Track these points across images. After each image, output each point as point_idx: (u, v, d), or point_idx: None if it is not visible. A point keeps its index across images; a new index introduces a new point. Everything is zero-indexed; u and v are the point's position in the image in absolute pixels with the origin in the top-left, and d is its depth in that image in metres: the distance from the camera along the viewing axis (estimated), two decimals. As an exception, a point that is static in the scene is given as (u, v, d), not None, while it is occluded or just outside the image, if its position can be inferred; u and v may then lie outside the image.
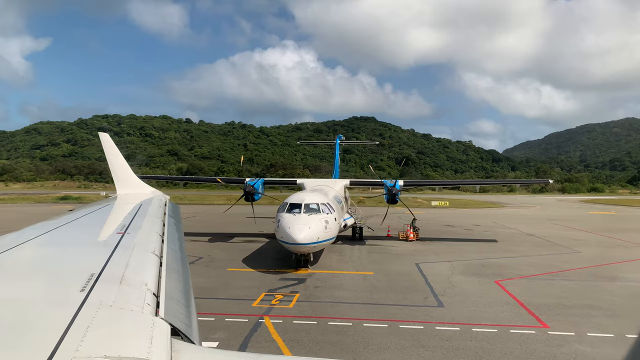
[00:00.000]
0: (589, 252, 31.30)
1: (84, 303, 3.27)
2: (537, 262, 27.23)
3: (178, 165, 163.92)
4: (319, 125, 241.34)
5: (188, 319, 3.71)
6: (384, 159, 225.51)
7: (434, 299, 19.00)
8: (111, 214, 9.99)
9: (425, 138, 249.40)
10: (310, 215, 23.54)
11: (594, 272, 24.86)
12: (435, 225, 45.98)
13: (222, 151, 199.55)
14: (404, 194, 40.54)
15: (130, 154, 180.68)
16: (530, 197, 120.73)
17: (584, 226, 46.84)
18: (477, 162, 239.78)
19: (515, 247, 33.01)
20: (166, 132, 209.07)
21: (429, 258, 28.10)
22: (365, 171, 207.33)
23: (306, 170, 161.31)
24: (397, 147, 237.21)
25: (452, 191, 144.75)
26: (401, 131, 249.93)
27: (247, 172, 36.11)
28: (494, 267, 25.67)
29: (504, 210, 71.47)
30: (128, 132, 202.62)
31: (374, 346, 13.66)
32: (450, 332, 15.07)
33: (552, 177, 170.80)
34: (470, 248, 32.14)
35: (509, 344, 14.07)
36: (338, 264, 25.77)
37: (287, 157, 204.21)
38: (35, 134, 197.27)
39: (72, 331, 2.75)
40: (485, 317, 16.71)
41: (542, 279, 23.15)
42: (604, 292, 20.41)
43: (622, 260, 28.42)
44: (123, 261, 4.67)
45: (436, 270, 24.70)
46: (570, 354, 13.41)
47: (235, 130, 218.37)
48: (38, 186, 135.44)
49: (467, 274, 23.79)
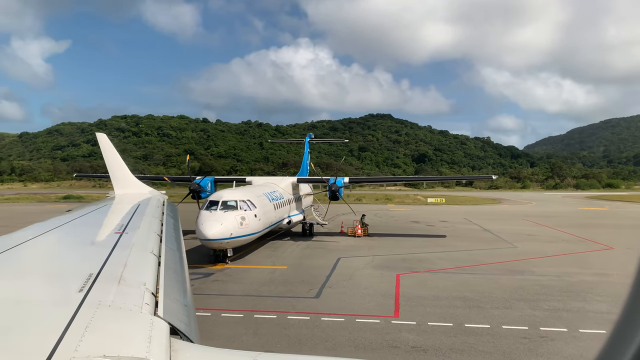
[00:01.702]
0: (526, 247, 31.72)
1: (82, 303, 3.28)
2: (460, 257, 27.87)
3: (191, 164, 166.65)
4: (334, 123, 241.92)
5: (187, 318, 3.73)
6: (400, 156, 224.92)
7: (317, 291, 20.01)
8: (109, 214, 10.20)
9: (443, 135, 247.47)
10: (226, 212, 24.71)
11: (507, 266, 25.42)
12: (401, 222, 46.63)
13: (237, 150, 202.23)
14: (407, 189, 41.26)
15: (148, 153, 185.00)
16: (538, 194, 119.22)
17: (556, 222, 46.79)
18: (495, 158, 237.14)
19: (457, 242, 33.60)
20: (183, 132, 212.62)
21: (357, 253, 29.01)
22: (381, 169, 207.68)
23: (318, 168, 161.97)
24: (414, 144, 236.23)
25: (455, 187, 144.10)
26: (418, 128, 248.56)
27: (191, 170, 37.47)
28: (412, 261, 26.46)
29: (494, 206, 71.28)
30: (146, 132, 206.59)
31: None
32: (303, 321, 16.07)
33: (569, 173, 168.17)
34: (410, 243, 32.86)
35: (340, 331, 15.04)
36: (260, 259, 26.92)
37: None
38: (57, 134, 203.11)
39: (70, 331, 2.75)
40: (349, 307, 17.69)
41: (447, 272, 23.90)
42: (491, 285, 21.11)
43: (550, 254, 28.81)
44: (121, 261, 4.69)
45: (351, 264, 25.62)
46: (394, 340, 14.33)
47: (252, 129, 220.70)
48: (55, 186, 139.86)
49: (378, 268, 24.68)
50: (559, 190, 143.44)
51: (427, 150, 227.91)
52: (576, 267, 25.27)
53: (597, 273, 23.76)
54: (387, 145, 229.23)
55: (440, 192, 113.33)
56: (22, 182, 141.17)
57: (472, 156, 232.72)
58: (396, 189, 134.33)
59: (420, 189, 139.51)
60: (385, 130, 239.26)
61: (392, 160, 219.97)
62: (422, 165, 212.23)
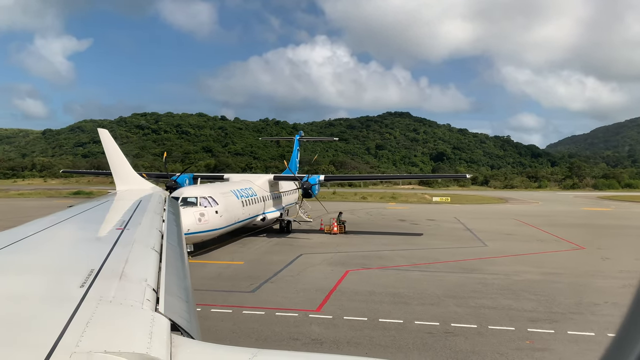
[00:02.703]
0: (496, 246, 31.84)
1: (83, 299, 3.28)
2: (422, 255, 28.15)
3: (206, 161, 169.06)
4: (351, 121, 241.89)
5: (188, 315, 3.74)
6: (417, 154, 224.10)
7: (256, 286, 20.64)
8: (111, 210, 10.17)
9: (462, 133, 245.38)
10: (185, 208, 25.46)
11: (463, 264, 25.67)
12: (387, 220, 46.86)
13: (254, 148, 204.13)
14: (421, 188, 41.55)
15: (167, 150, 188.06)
16: (551, 194, 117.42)
17: (544, 222, 46.41)
18: (515, 157, 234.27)
19: (429, 240, 33.84)
20: (202, 130, 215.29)
21: (323, 249, 29.53)
22: (398, 167, 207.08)
23: (331, 166, 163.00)
24: (432, 142, 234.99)
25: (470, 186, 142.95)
26: (437, 126, 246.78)
27: (166, 168, 38.46)
28: (371, 258, 26.89)
29: (495, 206, 70.74)
30: (165, 130, 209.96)
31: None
32: (224, 314, 16.71)
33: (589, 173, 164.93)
34: (381, 241, 33.23)
35: (251, 324, 15.64)
36: (223, 255, 27.63)
37: (320, 153, 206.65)
38: (78, 131, 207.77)
39: (72, 327, 2.76)
40: (277, 302, 18.29)
41: (398, 269, 24.29)
42: (432, 282, 21.46)
43: (515, 254, 28.87)
44: (123, 257, 4.71)
45: (309, 260, 26.18)
46: (298, 333, 14.88)
47: (269, 127, 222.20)
48: (73, 182, 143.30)
49: (333, 264, 25.18)
50: (576, 190, 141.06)
51: (445, 149, 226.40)
52: (531, 266, 25.33)
53: (547, 272, 23.84)
54: (404, 144, 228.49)
55: (452, 192, 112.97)
56: (42, 178, 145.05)
57: (491, 155, 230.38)
58: (409, 188, 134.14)
59: (435, 187, 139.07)
60: (403, 129, 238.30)
61: (409, 159, 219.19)
62: (440, 163, 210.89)
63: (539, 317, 16.76)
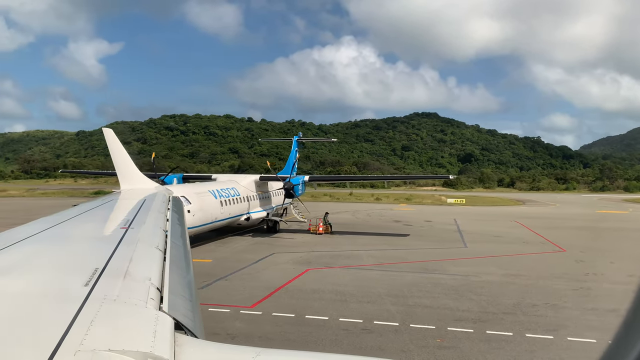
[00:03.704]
0: (476, 247, 31.72)
1: (88, 297, 3.30)
2: (393, 255, 28.33)
3: (231, 162, 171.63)
4: (377, 122, 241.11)
5: (191, 314, 3.76)
6: (445, 155, 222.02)
7: (208, 283, 21.23)
8: (115, 209, 10.27)
9: (491, 134, 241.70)
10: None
11: (428, 265, 25.74)
12: (384, 221, 46.95)
13: (280, 149, 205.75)
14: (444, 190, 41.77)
15: (194, 151, 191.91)
16: (576, 196, 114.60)
17: (543, 224, 45.74)
18: (546, 158, 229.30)
19: (411, 241, 33.94)
20: (229, 131, 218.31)
21: (298, 249, 30.00)
22: (424, 168, 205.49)
23: (354, 167, 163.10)
24: (460, 143, 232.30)
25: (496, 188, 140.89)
26: (465, 127, 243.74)
27: (154, 168, 39.41)
28: (340, 258, 27.24)
29: (507, 208, 69.74)
30: (193, 131, 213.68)
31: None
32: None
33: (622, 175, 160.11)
34: (363, 241, 33.51)
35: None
36: (196, 253, 28.29)
37: (344, 154, 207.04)
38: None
39: (76, 325, 2.77)
40: (218, 298, 18.81)
41: (359, 269, 24.60)
42: (385, 282, 21.67)
43: (489, 255, 28.71)
44: (127, 256, 4.73)
45: (277, 259, 26.70)
46: (219, 328, 15.40)
47: (295, 128, 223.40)
48: (102, 182, 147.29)
49: (297, 263, 25.61)
50: (606, 192, 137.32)
51: (473, 150, 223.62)
52: (497, 267, 25.20)
53: (509, 274, 23.70)
54: (431, 145, 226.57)
55: (474, 193, 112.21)
56: (72, 178, 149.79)
57: (520, 156, 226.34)
58: (432, 189, 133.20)
59: (458, 189, 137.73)
60: (431, 129, 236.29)
61: (436, 160, 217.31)
62: (467, 165, 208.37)
63: (467, 316, 16.84)
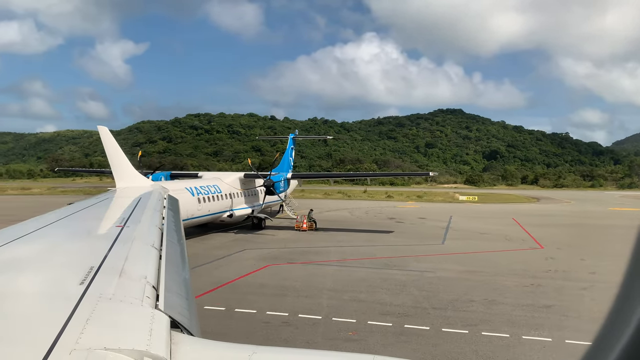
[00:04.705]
0: (453, 244, 31.67)
1: (83, 296, 3.29)
2: (362, 251, 28.53)
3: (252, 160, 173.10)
4: (401, 119, 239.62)
5: (187, 312, 3.76)
6: (469, 152, 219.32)
7: (163, 275, 21.88)
8: (110, 207, 10.30)
9: (517, 130, 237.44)
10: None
11: (391, 261, 25.86)
12: (378, 219, 46.95)
13: (302, 147, 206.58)
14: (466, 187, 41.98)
15: (218, 150, 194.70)
16: (598, 193, 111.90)
17: (540, 222, 45.11)
18: (574, 155, 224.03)
19: (392, 238, 34.09)
20: (252, 129, 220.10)
21: (271, 245, 30.52)
22: (448, 165, 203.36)
23: (373, 164, 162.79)
24: (485, 140, 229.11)
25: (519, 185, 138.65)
26: (490, 123, 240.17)
27: (140, 166, 40.24)
28: (308, 254, 27.60)
29: (515, 205, 68.67)
30: (217, 130, 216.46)
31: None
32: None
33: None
34: (342, 237, 33.78)
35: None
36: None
37: (366, 152, 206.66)
38: (136, 132, 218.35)
39: (72, 324, 2.77)
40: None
41: (319, 264, 24.93)
42: (336, 277, 21.99)
43: (461, 252, 28.61)
44: (122, 254, 4.73)
45: (245, 255, 27.27)
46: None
47: (317, 126, 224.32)
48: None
49: (261, 259, 26.08)
50: (633, 189, 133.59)
51: (499, 147, 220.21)
52: (459, 264, 25.17)
53: (468, 270, 23.64)
54: (456, 142, 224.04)
55: (494, 191, 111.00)
56: (98, 177, 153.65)
57: (547, 153, 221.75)
58: (452, 187, 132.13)
59: (480, 187, 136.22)
60: (455, 126, 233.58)
61: (460, 157, 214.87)
62: (492, 162, 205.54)
63: (395, 311, 17.02)
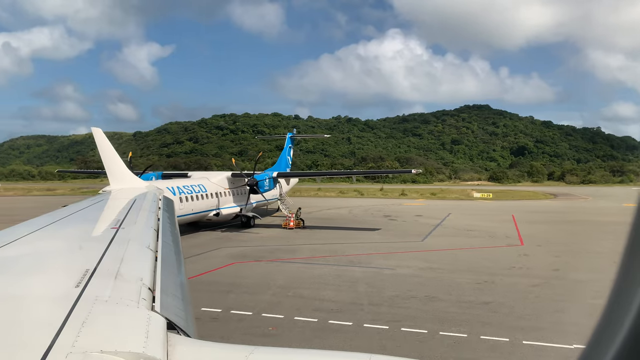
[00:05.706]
0: (433, 241, 31.72)
1: (79, 299, 3.28)
2: (334, 249, 28.81)
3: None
4: (426, 116, 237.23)
5: (184, 313, 3.76)
6: (496, 148, 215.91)
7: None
8: (105, 209, 10.30)
9: (546, 126, 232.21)
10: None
11: (359, 258, 26.16)
12: (374, 217, 46.99)
13: (325, 145, 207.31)
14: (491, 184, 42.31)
15: (243, 149, 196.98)
16: (621, 189, 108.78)
17: (537, 218, 44.48)
18: (606, 150, 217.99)
19: (375, 235, 34.41)
20: (276, 129, 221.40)
21: (251, 243, 31.11)
22: (475, 162, 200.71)
23: (396, 162, 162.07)
24: (513, 136, 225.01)
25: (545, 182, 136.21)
26: (518, 119, 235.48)
27: (131, 167, 41.12)
28: (278, 252, 28.14)
29: (525, 202, 67.66)
30: (242, 130, 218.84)
31: None
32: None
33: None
34: (325, 235, 34.15)
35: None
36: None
37: (390, 149, 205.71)
38: (165, 133, 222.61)
39: (67, 327, 2.77)
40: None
41: (285, 262, 25.44)
42: (295, 274, 22.36)
43: (434, 249, 28.60)
44: (118, 256, 4.71)
45: (217, 253, 27.91)
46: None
47: (341, 125, 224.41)
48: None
49: (231, 257, 26.72)
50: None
51: (527, 143, 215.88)
52: (423, 261, 25.21)
53: (428, 267, 23.71)
54: (482, 138, 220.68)
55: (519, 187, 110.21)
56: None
57: (578, 148, 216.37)
58: (476, 184, 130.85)
59: (504, 184, 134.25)
60: (482, 122, 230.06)
61: (487, 154, 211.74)
62: (520, 158, 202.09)
63: (328, 307, 17.23)
